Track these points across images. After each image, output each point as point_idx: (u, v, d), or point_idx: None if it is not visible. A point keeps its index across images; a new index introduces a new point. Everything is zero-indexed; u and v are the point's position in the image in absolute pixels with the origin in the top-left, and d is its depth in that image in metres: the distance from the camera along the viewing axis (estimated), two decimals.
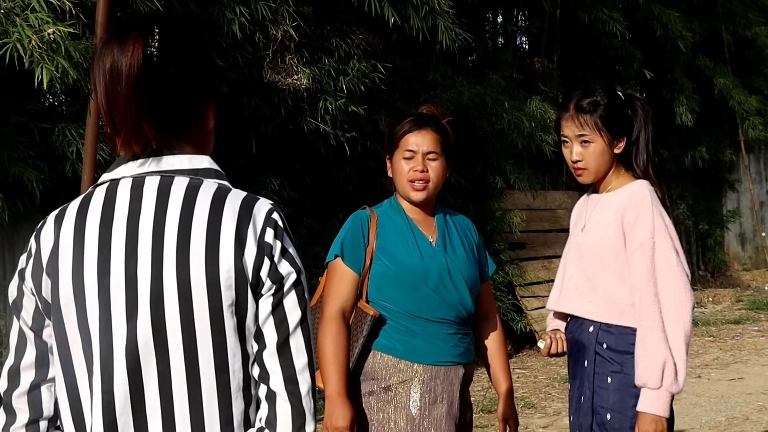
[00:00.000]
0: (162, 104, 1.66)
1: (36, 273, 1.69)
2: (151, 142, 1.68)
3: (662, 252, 2.94)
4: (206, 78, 1.75)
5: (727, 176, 15.32)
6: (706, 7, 13.40)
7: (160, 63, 1.66)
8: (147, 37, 1.66)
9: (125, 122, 1.65)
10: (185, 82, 1.69)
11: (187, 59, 1.70)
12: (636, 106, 3.14)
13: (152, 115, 1.65)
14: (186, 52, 1.71)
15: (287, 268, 1.67)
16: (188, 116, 1.72)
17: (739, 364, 8.75)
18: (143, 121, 1.64)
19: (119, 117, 1.65)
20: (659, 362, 2.86)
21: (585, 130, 3.07)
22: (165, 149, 1.70)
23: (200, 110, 1.74)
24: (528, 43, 11.76)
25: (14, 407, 1.74)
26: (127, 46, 1.64)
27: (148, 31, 1.67)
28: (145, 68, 1.63)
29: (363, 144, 7.22)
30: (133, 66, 1.63)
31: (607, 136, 3.05)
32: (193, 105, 1.72)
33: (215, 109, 1.78)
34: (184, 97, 1.69)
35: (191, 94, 1.71)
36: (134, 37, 1.65)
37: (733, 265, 15.72)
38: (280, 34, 6.26)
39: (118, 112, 1.64)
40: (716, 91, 13.31)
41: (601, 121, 3.05)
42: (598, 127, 3.05)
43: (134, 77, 1.63)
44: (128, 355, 1.61)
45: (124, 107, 1.63)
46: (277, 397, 1.66)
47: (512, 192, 9.97)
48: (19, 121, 5.17)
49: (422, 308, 3.04)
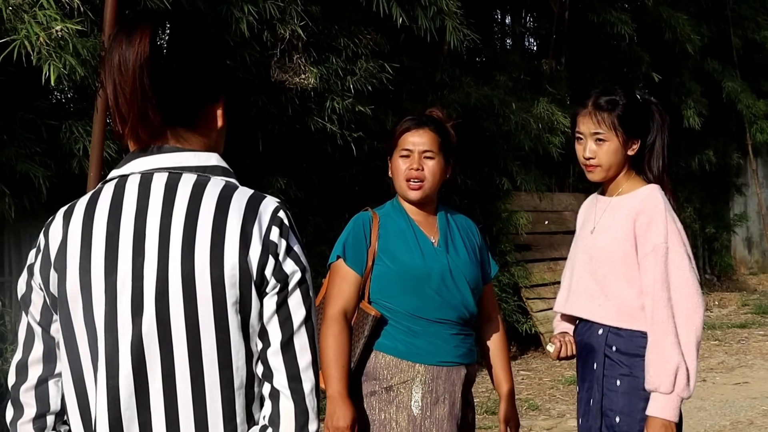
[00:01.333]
0: (168, 93, 1.67)
1: (44, 268, 1.70)
2: (157, 131, 1.69)
3: (675, 257, 2.94)
4: (214, 74, 1.76)
5: (734, 180, 15.30)
6: (714, 11, 13.38)
7: (168, 54, 1.67)
8: (155, 29, 1.67)
9: (131, 109, 1.65)
10: (192, 73, 1.70)
11: (194, 53, 1.71)
12: (653, 111, 3.14)
13: (158, 103, 1.66)
14: (194, 46, 1.72)
15: (292, 266, 1.67)
16: (195, 109, 1.72)
17: (744, 369, 8.74)
18: (149, 107, 1.65)
19: (125, 106, 1.66)
20: (672, 367, 2.86)
21: (601, 127, 3.07)
22: (172, 142, 1.71)
23: (208, 105, 1.75)
24: (536, 45, 11.73)
25: (22, 401, 1.75)
26: (134, 38, 1.65)
27: (156, 24, 1.68)
28: (152, 57, 1.64)
29: (370, 144, 7.22)
30: (140, 55, 1.64)
31: (623, 136, 3.06)
32: (200, 98, 1.73)
33: (225, 109, 1.78)
34: (190, 89, 1.70)
35: (198, 87, 1.72)
36: (141, 29, 1.66)
37: (740, 269, 15.68)
38: (288, 33, 6.25)
39: (125, 101, 1.65)
40: (724, 94, 13.29)
41: (618, 120, 3.05)
42: (614, 125, 3.05)
43: (140, 65, 1.64)
44: (133, 351, 1.62)
45: (131, 94, 1.64)
46: (281, 395, 1.66)
47: (519, 193, 9.97)
48: (27, 118, 5.18)
49: (424, 309, 3.05)
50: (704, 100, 12.73)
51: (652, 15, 11.41)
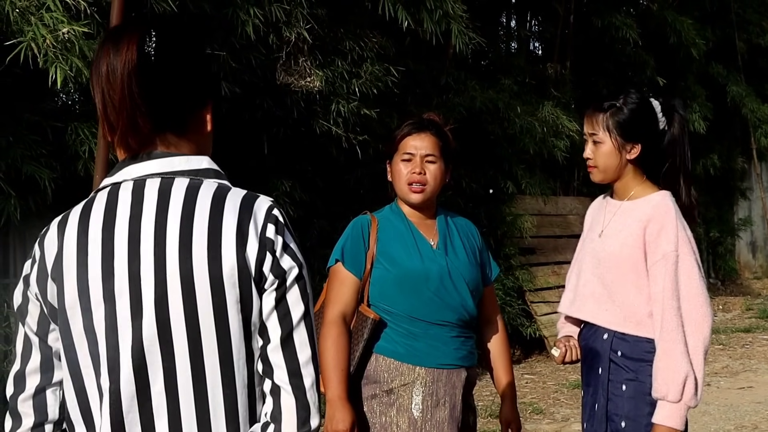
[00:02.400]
0: (157, 100, 1.67)
1: (41, 278, 1.71)
2: (147, 138, 1.69)
3: (685, 266, 2.93)
4: (202, 79, 1.77)
5: (738, 184, 15.30)
6: (719, 15, 13.39)
7: (156, 60, 1.68)
8: (142, 36, 1.68)
9: (120, 117, 1.66)
10: (180, 79, 1.71)
11: (182, 59, 1.72)
12: (673, 119, 3.10)
13: (147, 110, 1.66)
14: (182, 52, 1.73)
15: (289, 262, 1.68)
16: (184, 115, 1.73)
17: (748, 373, 8.73)
18: (138, 115, 1.66)
19: (114, 115, 1.66)
20: (681, 376, 2.85)
21: (597, 129, 3.07)
22: (162, 148, 1.71)
23: (197, 111, 1.76)
24: (541, 49, 11.74)
25: (20, 411, 1.76)
26: (122, 47, 1.66)
27: (142, 31, 1.69)
28: (140, 64, 1.65)
29: (375, 147, 7.22)
30: (128, 63, 1.64)
31: (617, 138, 3.04)
32: (189, 104, 1.74)
33: (212, 113, 1.79)
34: (179, 95, 1.71)
35: (187, 92, 1.73)
36: (128, 37, 1.67)
37: (744, 274, 15.68)
38: (294, 36, 6.26)
39: (113, 109, 1.66)
40: (729, 98, 13.30)
41: (613, 122, 3.04)
42: (608, 128, 3.04)
43: (129, 73, 1.64)
44: (134, 354, 1.63)
45: (119, 102, 1.65)
46: (282, 391, 1.67)
47: (523, 197, 9.97)
48: (33, 120, 5.19)
49: (423, 311, 3.05)
50: (709, 104, 12.73)
51: (656, 19, 11.43)
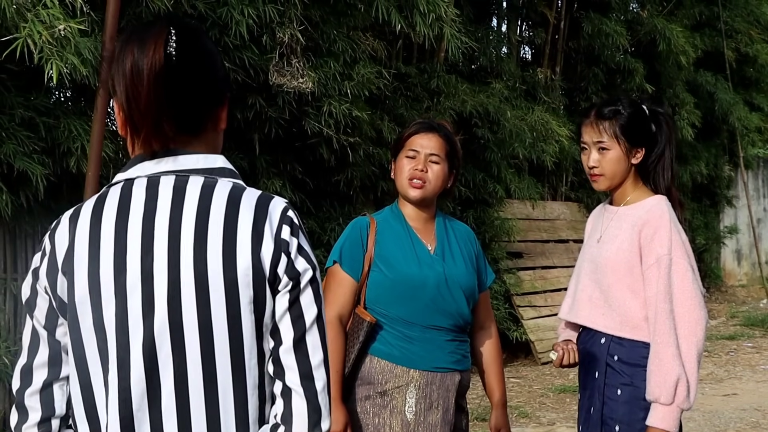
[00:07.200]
0: (182, 103, 1.67)
1: (51, 272, 1.69)
2: (169, 141, 1.69)
3: (679, 269, 2.95)
4: (220, 77, 1.77)
5: (725, 192, 15.36)
6: (708, 23, 13.47)
7: (179, 62, 1.67)
8: (167, 36, 1.66)
9: (146, 121, 1.66)
10: (203, 80, 1.71)
11: (203, 58, 1.72)
12: (661, 121, 3.14)
13: (172, 114, 1.66)
14: (201, 51, 1.73)
15: (304, 264, 1.68)
16: (205, 115, 1.73)
17: (733, 380, 8.78)
18: (163, 119, 1.65)
19: (139, 117, 1.66)
20: (673, 379, 2.87)
21: (603, 136, 3.09)
22: (180, 148, 1.71)
23: (215, 110, 1.76)
24: (531, 54, 11.78)
25: (26, 406, 1.74)
26: (148, 46, 1.65)
27: (167, 32, 1.67)
28: (166, 67, 1.64)
29: (365, 149, 7.23)
30: (155, 65, 1.63)
31: (625, 144, 3.07)
32: (210, 104, 1.74)
33: (227, 110, 1.79)
34: (201, 96, 1.71)
35: (208, 92, 1.73)
36: (155, 36, 1.66)
37: (729, 281, 15.75)
38: (287, 36, 6.27)
39: (138, 112, 1.65)
40: (717, 106, 13.36)
41: (620, 129, 3.07)
42: (616, 134, 3.07)
43: (155, 76, 1.64)
44: (145, 352, 1.62)
45: (145, 106, 1.64)
46: (293, 393, 1.66)
47: (512, 201, 10.00)
48: (26, 116, 5.18)
49: (419, 316, 3.06)
50: (697, 112, 12.80)
51: (646, 26, 11.49)
